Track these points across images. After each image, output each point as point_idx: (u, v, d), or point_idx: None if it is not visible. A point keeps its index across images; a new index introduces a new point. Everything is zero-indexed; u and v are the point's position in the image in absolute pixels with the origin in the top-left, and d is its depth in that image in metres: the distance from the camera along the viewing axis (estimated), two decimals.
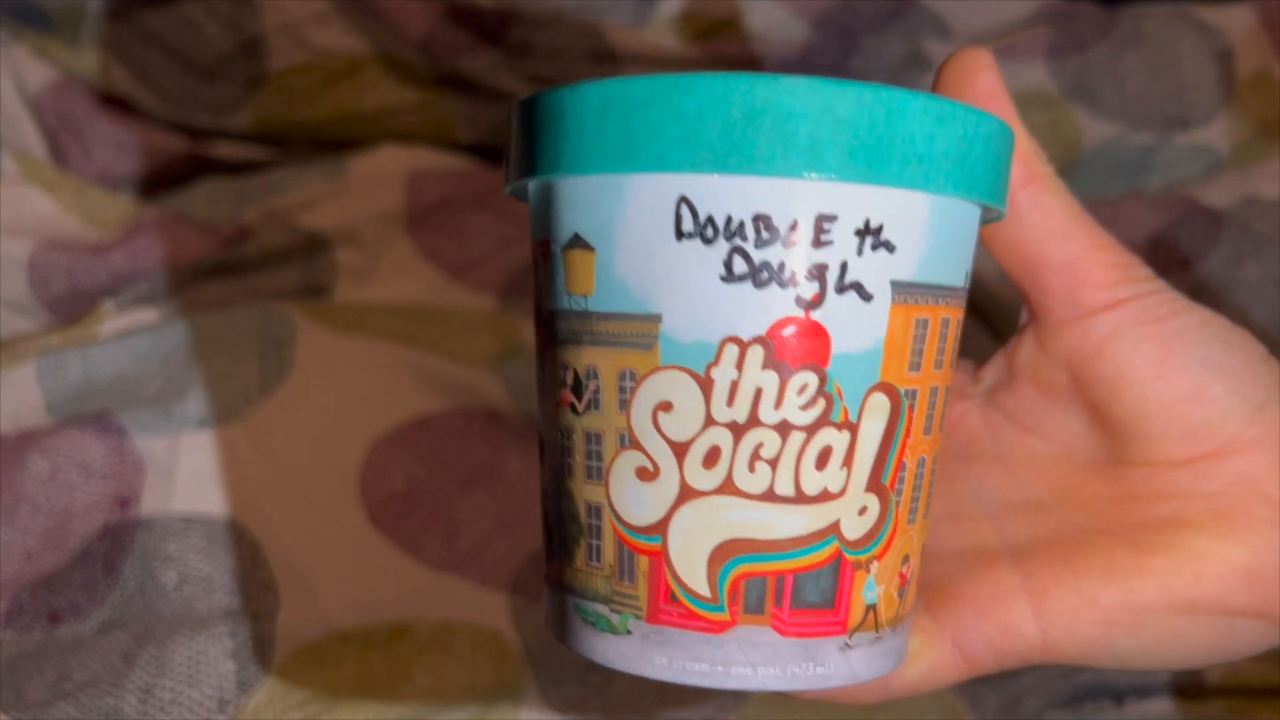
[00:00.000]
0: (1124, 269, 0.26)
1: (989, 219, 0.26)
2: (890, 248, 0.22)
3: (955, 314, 0.24)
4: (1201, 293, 0.55)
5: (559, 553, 0.24)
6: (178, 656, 0.41)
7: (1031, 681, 0.44)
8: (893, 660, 0.25)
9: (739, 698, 0.43)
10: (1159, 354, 0.26)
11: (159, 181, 0.67)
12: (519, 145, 0.24)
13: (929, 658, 0.27)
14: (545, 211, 0.24)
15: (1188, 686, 0.43)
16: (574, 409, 0.23)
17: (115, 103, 0.67)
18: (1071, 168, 0.63)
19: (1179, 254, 0.56)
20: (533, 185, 0.24)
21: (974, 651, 0.27)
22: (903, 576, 0.24)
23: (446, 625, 0.44)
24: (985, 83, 0.26)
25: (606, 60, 0.65)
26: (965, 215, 0.23)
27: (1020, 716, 0.43)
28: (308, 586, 0.44)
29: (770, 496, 0.22)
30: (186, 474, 0.46)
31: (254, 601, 0.43)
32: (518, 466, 0.48)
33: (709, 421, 0.22)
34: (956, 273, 0.24)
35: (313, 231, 0.59)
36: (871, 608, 0.23)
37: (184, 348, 0.50)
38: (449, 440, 0.48)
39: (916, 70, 0.65)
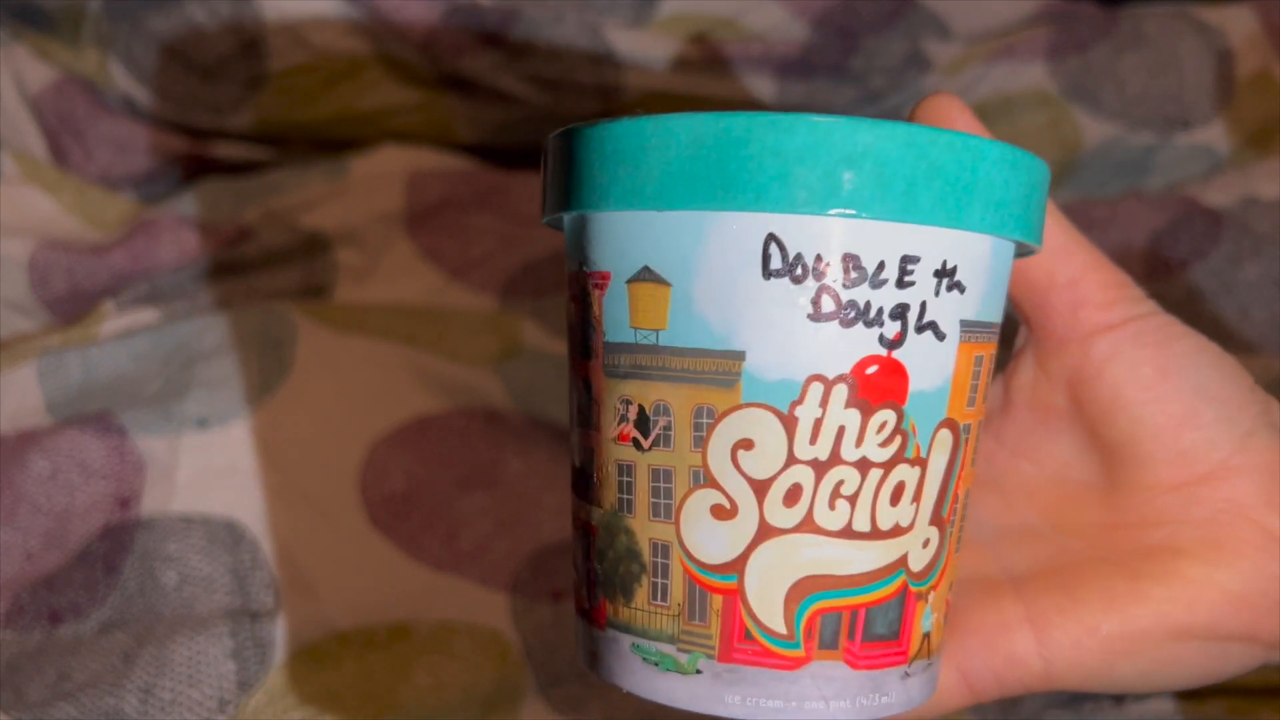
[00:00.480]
0: (1121, 288, 0.27)
1: (1019, 255, 0.26)
2: (961, 288, 0.22)
3: (995, 350, 0.25)
4: (1201, 293, 0.55)
5: (609, 591, 0.24)
6: (178, 656, 0.41)
7: None
8: (934, 684, 0.25)
9: None
10: (1154, 377, 0.26)
11: (159, 182, 0.67)
12: (580, 175, 0.23)
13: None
14: (603, 242, 0.23)
15: None
16: (638, 445, 0.23)
17: (116, 103, 0.67)
18: (1071, 168, 0.63)
19: (1179, 254, 0.56)
20: (584, 217, 0.24)
21: (978, 680, 0.27)
22: (948, 604, 0.25)
23: (446, 625, 0.44)
24: (964, 127, 0.27)
25: (607, 61, 0.65)
26: (1010, 254, 0.24)
27: (1020, 716, 0.43)
28: (308, 587, 0.44)
29: (848, 533, 0.22)
30: (187, 474, 0.46)
31: (254, 601, 0.43)
32: (518, 467, 0.48)
33: (791, 459, 0.22)
34: (1000, 311, 0.24)
35: (313, 231, 0.59)
36: (926, 636, 0.24)
37: (184, 348, 0.50)
38: (449, 440, 0.48)
39: (916, 70, 0.65)
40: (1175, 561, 0.26)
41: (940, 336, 0.22)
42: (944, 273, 0.22)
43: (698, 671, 0.23)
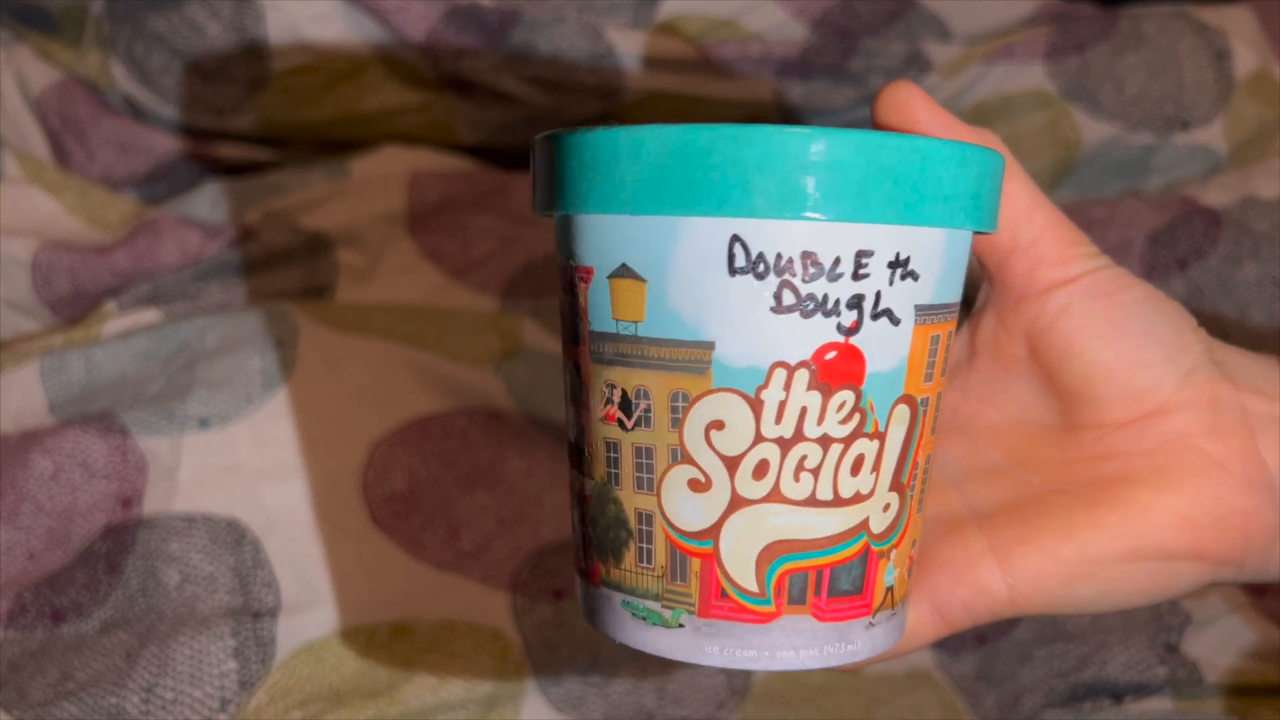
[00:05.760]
0: (1076, 245, 0.29)
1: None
2: (915, 276, 0.24)
3: (954, 326, 0.26)
4: (1200, 293, 0.55)
5: (602, 554, 0.26)
6: (180, 655, 0.41)
7: (1031, 680, 0.44)
8: (900, 630, 0.27)
9: (739, 697, 0.43)
10: (1105, 326, 0.28)
11: (161, 182, 0.67)
12: (562, 179, 0.25)
13: (910, 621, 0.29)
14: (585, 240, 0.25)
15: (1186, 685, 0.43)
16: (622, 425, 0.25)
17: (118, 104, 0.67)
18: (1071, 168, 0.63)
19: (1178, 254, 0.56)
20: (568, 216, 0.25)
21: (950, 611, 0.29)
22: (911, 559, 0.27)
23: (448, 624, 0.44)
24: (924, 113, 0.28)
25: (607, 61, 0.65)
26: (967, 240, 0.26)
27: (1019, 715, 0.43)
28: (309, 586, 0.44)
29: (812, 501, 0.25)
30: (188, 474, 0.46)
31: (256, 601, 0.43)
32: (519, 466, 0.48)
33: (758, 438, 0.24)
34: (958, 291, 0.26)
35: (314, 232, 0.59)
36: (890, 589, 0.26)
37: (186, 348, 0.50)
38: (450, 440, 0.48)
39: (916, 71, 0.66)
40: (1126, 489, 0.28)
41: (895, 322, 0.24)
42: (897, 264, 0.24)
43: (680, 626, 0.25)
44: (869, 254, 0.23)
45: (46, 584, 0.43)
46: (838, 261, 0.23)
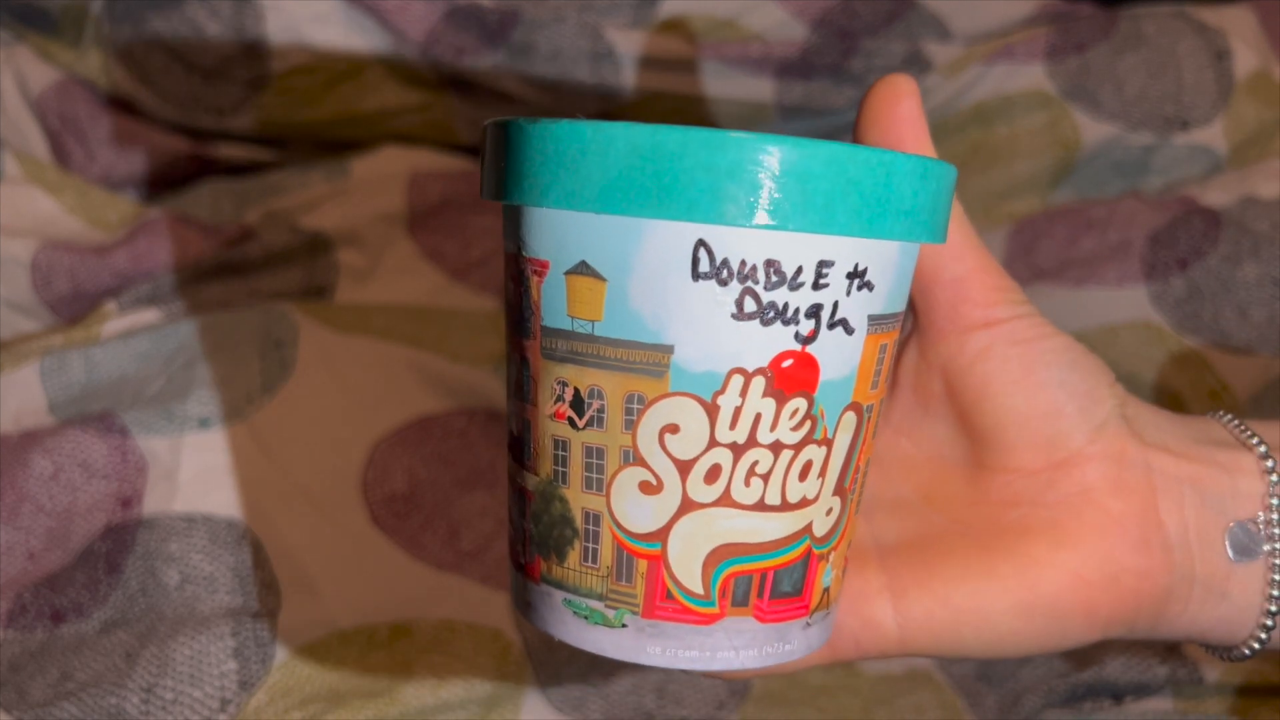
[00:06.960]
0: (1003, 291, 0.29)
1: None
2: (870, 287, 0.25)
3: (898, 334, 0.27)
4: (1200, 293, 0.55)
5: (544, 551, 0.26)
6: (180, 656, 0.41)
7: (1031, 680, 0.44)
8: (830, 629, 0.28)
9: (739, 698, 0.43)
10: (1022, 372, 0.29)
11: (161, 182, 0.67)
12: (519, 169, 0.24)
13: None
14: (541, 233, 0.24)
15: (1187, 685, 0.43)
16: (573, 424, 0.25)
17: (118, 104, 0.67)
18: (1070, 168, 0.63)
19: (1178, 254, 0.56)
20: (523, 207, 0.25)
21: (838, 641, 0.29)
22: (846, 560, 0.28)
23: (448, 625, 0.44)
24: (906, 110, 0.29)
25: (607, 61, 0.65)
26: (915, 251, 0.26)
27: (1020, 715, 0.43)
28: (309, 586, 0.44)
29: (761, 506, 0.25)
30: (189, 474, 0.46)
31: (256, 601, 0.43)
32: None
33: (712, 443, 0.24)
34: (905, 299, 0.27)
35: (314, 232, 0.59)
36: (826, 590, 0.27)
37: (186, 348, 0.50)
38: (450, 440, 0.48)
39: (916, 71, 0.66)
40: (1024, 541, 0.28)
41: (850, 331, 0.24)
42: (855, 274, 0.24)
43: (624, 626, 0.25)
44: (830, 264, 0.24)
45: (46, 584, 0.43)
46: (800, 271, 0.23)
